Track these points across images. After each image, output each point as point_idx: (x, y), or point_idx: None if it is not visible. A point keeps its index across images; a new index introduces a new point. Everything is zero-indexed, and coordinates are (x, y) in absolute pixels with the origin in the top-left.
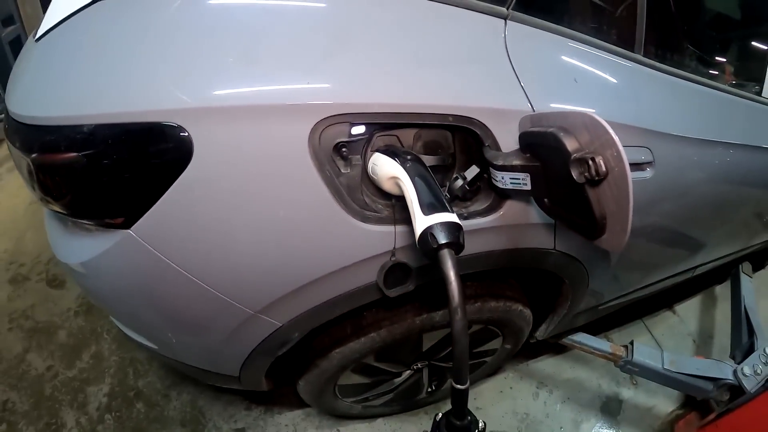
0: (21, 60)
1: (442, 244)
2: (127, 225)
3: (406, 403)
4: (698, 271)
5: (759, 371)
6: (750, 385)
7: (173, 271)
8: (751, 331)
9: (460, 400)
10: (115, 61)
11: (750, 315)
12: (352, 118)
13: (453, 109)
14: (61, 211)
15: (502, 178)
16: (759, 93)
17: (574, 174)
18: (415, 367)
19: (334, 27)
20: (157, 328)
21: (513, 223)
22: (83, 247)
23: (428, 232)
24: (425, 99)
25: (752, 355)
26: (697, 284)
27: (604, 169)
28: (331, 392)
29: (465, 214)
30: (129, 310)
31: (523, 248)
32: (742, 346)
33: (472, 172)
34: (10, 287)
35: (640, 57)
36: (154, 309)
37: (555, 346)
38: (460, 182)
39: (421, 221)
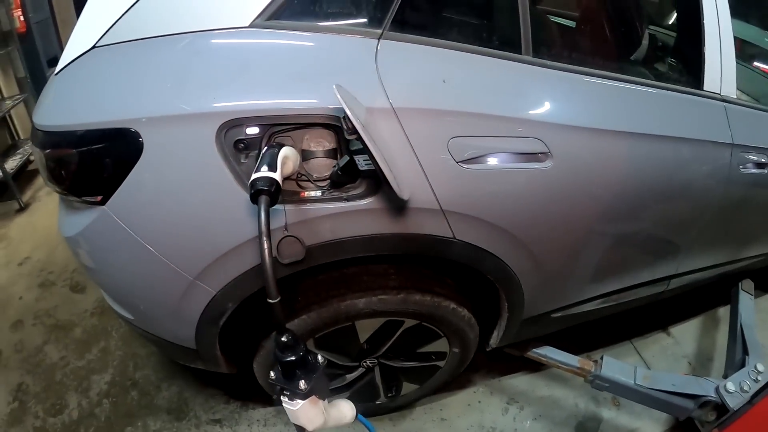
0: (45, 88)
1: (258, 190)
2: (104, 202)
3: (367, 406)
4: (674, 284)
5: (747, 388)
6: (734, 402)
7: (134, 241)
8: (746, 349)
9: (275, 314)
10: (98, 87)
11: (745, 333)
12: (246, 122)
13: (320, 111)
14: (62, 191)
15: (359, 161)
16: (699, 87)
17: (346, 133)
18: (364, 364)
19: (239, 58)
20: (128, 294)
21: (391, 206)
22: (76, 222)
23: (252, 182)
24: (299, 105)
25: (740, 371)
26: (697, 305)
27: (350, 125)
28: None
29: (345, 197)
30: (108, 276)
31: (417, 234)
32: (735, 363)
33: (343, 160)
34: (38, 290)
35: (527, 57)
36: (123, 274)
37: (530, 364)
38: (335, 168)
39: (252, 177)
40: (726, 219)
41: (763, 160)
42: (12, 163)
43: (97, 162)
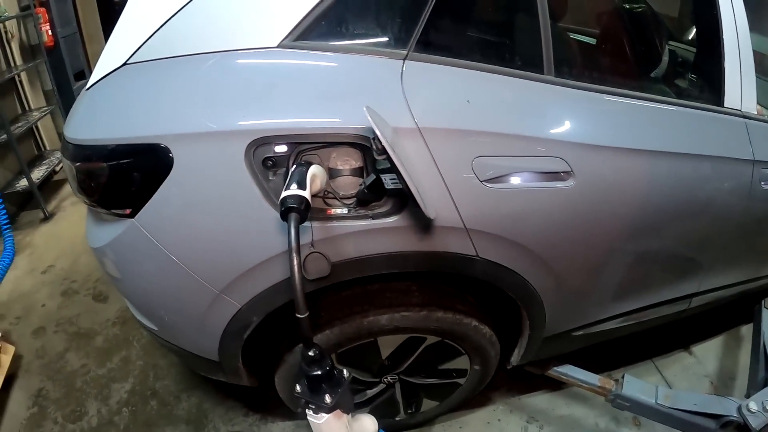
0: (76, 102)
1: (288, 207)
2: (133, 215)
3: (386, 422)
4: (696, 302)
5: None
6: (756, 422)
7: (161, 253)
8: None
9: (302, 329)
10: (130, 103)
11: None
12: (274, 140)
13: (347, 130)
14: (91, 203)
15: (385, 180)
16: (720, 104)
17: (375, 153)
18: (385, 380)
19: (267, 77)
20: (153, 306)
21: (417, 224)
22: (105, 233)
23: (282, 200)
24: (327, 124)
25: (763, 390)
26: (719, 323)
27: (380, 145)
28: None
29: (371, 215)
30: (134, 288)
31: (441, 252)
32: (757, 383)
33: (370, 178)
34: (61, 298)
35: (549, 77)
36: (149, 286)
37: (551, 382)
38: (361, 186)
39: (282, 195)
40: (748, 236)
41: None
42: (38, 173)
43: (128, 176)
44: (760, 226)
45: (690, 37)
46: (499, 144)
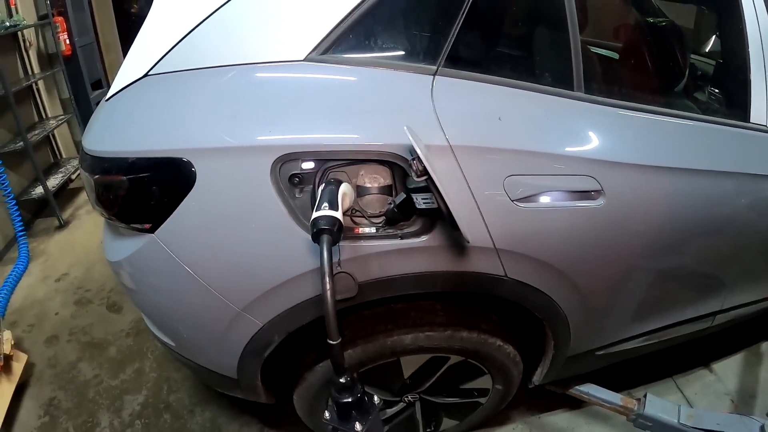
0: (95, 113)
1: (320, 229)
2: (153, 230)
3: None
4: (719, 320)
5: None
6: None
7: (182, 270)
8: None
9: (334, 355)
10: (151, 115)
11: None
12: (302, 156)
13: (377, 147)
14: (111, 217)
15: (417, 199)
16: (746, 119)
17: (413, 175)
18: (406, 399)
19: (294, 91)
20: (171, 322)
21: (446, 244)
22: (123, 248)
23: (313, 221)
24: (356, 141)
25: None
26: (739, 340)
27: (421, 167)
28: (323, 411)
29: (400, 235)
30: (152, 303)
31: (469, 272)
32: None
33: (400, 197)
34: (75, 307)
35: (579, 93)
36: (168, 302)
37: (571, 400)
38: (391, 206)
39: (313, 215)
40: None
41: None
42: (54, 181)
43: (148, 190)
44: None
45: (707, 50)
46: (530, 162)
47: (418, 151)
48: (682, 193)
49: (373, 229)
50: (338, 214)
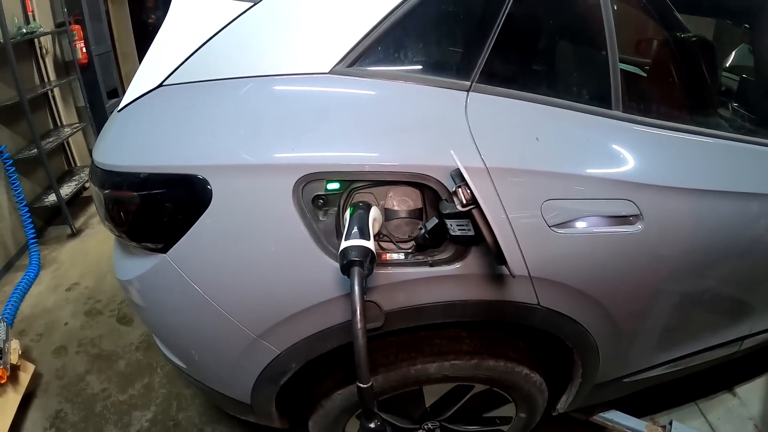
0: (107, 124)
1: (351, 261)
2: (165, 250)
3: None
4: (747, 344)
5: None
6: None
7: (195, 293)
8: None
9: (365, 399)
10: (165, 128)
11: None
12: (326, 176)
13: (408, 168)
14: (121, 235)
15: (451, 226)
16: None
17: (456, 203)
18: (426, 426)
19: (318, 106)
20: (183, 345)
21: (479, 272)
22: (134, 266)
23: (343, 251)
24: (384, 161)
25: None
26: (763, 363)
27: (468, 195)
28: None
29: (430, 262)
30: (163, 325)
31: (502, 301)
32: None
33: (432, 222)
34: (84, 317)
35: (617, 113)
36: (180, 325)
37: (592, 427)
38: (422, 231)
39: (342, 244)
40: None
41: None
42: (67, 189)
43: (161, 208)
44: None
45: (728, 64)
46: (569, 186)
47: (468, 178)
48: (720, 215)
49: (401, 255)
50: (370, 244)
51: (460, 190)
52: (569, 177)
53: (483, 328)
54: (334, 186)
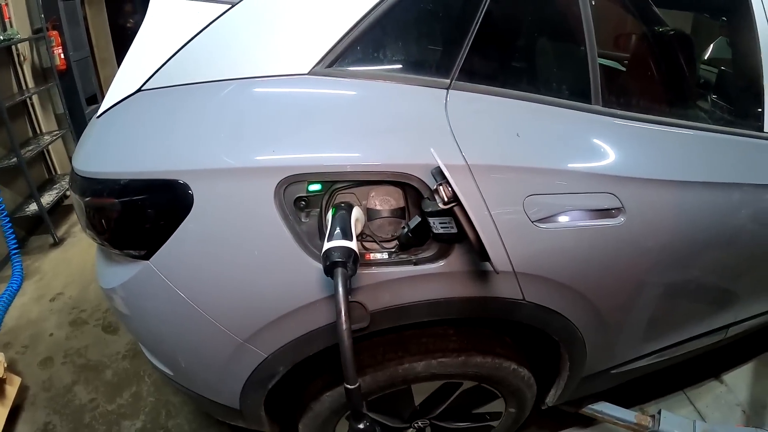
0: (86, 131)
1: (334, 262)
2: (148, 257)
3: None
4: (732, 332)
5: None
6: None
7: (179, 299)
8: None
9: (352, 400)
10: (145, 133)
11: None
12: (307, 177)
13: (389, 167)
14: (103, 243)
15: (434, 224)
16: (760, 129)
17: (438, 201)
18: (416, 425)
19: (298, 108)
20: (169, 352)
21: (463, 269)
22: (117, 274)
23: (326, 252)
24: (364, 161)
25: None
26: (749, 350)
27: (450, 192)
28: None
29: (414, 260)
30: (148, 332)
31: (487, 297)
32: None
33: (415, 221)
34: (70, 328)
35: (597, 107)
36: (165, 332)
37: (582, 419)
38: (405, 230)
39: (324, 246)
40: None
41: None
42: (48, 198)
43: (142, 214)
44: None
45: (708, 57)
46: (551, 181)
47: (448, 176)
48: (701, 206)
49: (385, 255)
50: (353, 245)
51: (441, 187)
52: (551, 172)
53: (470, 325)
54: (315, 187)
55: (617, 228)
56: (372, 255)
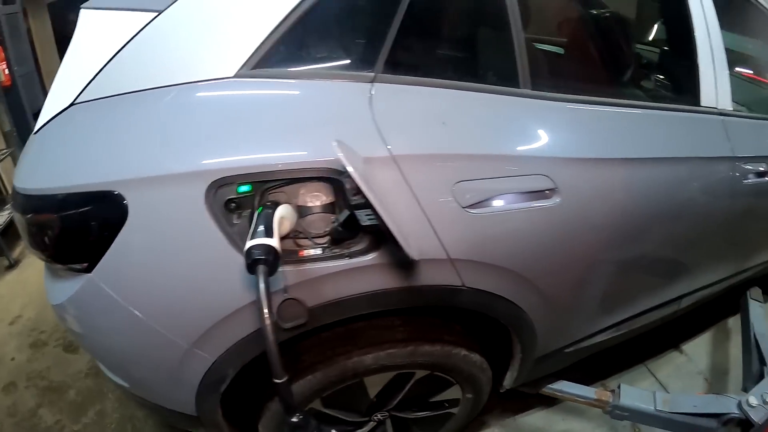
0: (25, 148)
1: (255, 259)
2: (90, 270)
3: None
4: (686, 302)
5: None
6: (758, 416)
7: (123, 309)
8: (762, 360)
9: (282, 394)
10: (78, 147)
11: (760, 342)
12: (236, 179)
13: (315, 164)
14: (46, 258)
15: (360, 216)
16: (697, 104)
17: (349, 196)
18: (375, 418)
19: (225, 111)
20: (121, 363)
21: (396, 260)
22: (62, 289)
23: (248, 251)
24: (293, 159)
25: (761, 383)
26: (706, 319)
27: (353, 185)
28: None
29: (348, 254)
30: (99, 345)
31: (424, 285)
32: (753, 375)
33: (343, 215)
34: (30, 350)
35: (526, 91)
36: (114, 343)
37: (546, 399)
38: (335, 224)
39: (246, 244)
40: (732, 231)
41: (762, 168)
42: (0, 219)
43: (81, 227)
44: (743, 222)
45: (650, 38)
46: (479, 166)
47: (349, 168)
48: (639, 182)
49: (318, 251)
50: (273, 242)
51: (347, 180)
52: (479, 157)
53: (419, 315)
54: (245, 188)
55: (552, 209)
56: (305, 251)
